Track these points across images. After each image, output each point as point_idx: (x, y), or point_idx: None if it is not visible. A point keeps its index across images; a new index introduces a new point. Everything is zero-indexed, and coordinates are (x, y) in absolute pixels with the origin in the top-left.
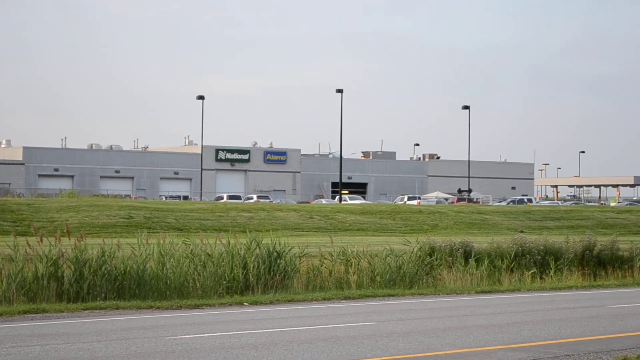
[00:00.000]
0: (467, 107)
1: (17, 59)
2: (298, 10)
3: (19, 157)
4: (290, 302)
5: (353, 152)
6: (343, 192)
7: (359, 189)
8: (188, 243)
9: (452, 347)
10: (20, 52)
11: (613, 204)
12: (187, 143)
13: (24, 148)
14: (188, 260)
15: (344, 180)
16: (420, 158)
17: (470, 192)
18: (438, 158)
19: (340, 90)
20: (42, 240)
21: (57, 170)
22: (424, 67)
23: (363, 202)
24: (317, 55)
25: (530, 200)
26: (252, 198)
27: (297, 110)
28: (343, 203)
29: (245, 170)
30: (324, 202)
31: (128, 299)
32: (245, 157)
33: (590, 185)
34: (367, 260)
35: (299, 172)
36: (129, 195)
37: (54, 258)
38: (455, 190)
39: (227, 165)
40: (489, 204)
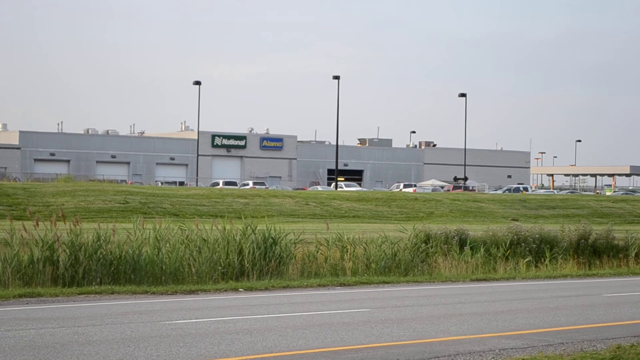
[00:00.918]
0: (463, 94)
1: (14, 43)
2: None
3: (15, 141)
4: (286, 288)
5: (349, 139)
6: (339, 179)
7: (355, 176)
8: (184, 228)
9: (446, 334)
10: (18, 36)
11: (609, 193)
12: (183, 129)
13: (20, 132)
14: (184, 246)
15: (340, 167)
16: (417, 145)
17: (466, 180)
18: (434, 146)
19: (337, 77)
20: (37, 225)
21: (53, 155)
22: (421, 54)
23: (359, 189)
24: (314, 42)
25: (526, 189)
26: (248, 184)
27: (293, 97)
28: (339, 190)
29: (242, 157)
30: (320, 189)
31: (123, 284)
32: (242, 143)
33: (586, 175)
34: (362, 247)
35: (295, 158)
36: (125, 181)
37: (50, 242)
38: (451, 178)
39: (223, 152)
40: (485, 192)
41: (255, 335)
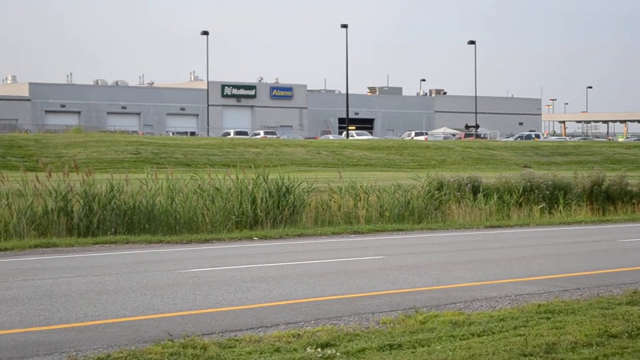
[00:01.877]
0: (472, 42)
1: None
2: None
3: (25, 93)
4: (300, 236)
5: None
6: (350, 127)
7: (366, 125)
8: (196, 178)
9: (462, 280)
10: None
11: (621, 140)
12: (192, 79)
13: (30, 84)
14: (197, 195)
15: (351, 116)
16: (427, 94)
17: (478, 127)
18: (445, 94)
19: (345, 26)
20: (50, 176)
21: (63, 107)
22: (431, 2)
23: (370, 137)
24: None
25: (538, 136)
26: (259, 134)
27: (302, 46)
28: (350, 139)
29: (252, 106)
30: (331, 137)
31: (138, 234)
32: (252, 92)
33: (598, 121)
34: (375, 195)
35: (306, 107)
36: (136, 131)
37: (63, 193)
38: (463, 126)
39: (233, 101)
40: (497, 140)
41: (271, 283)
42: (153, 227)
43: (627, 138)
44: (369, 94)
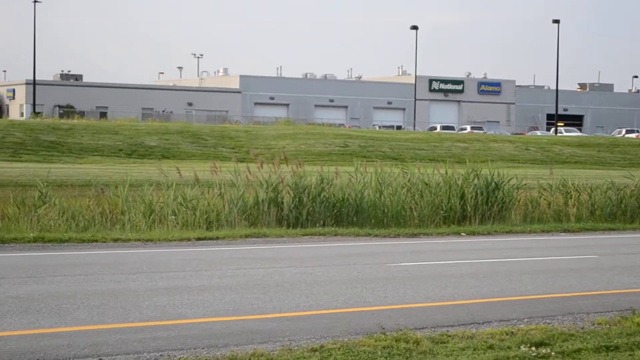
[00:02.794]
0: None
1: None
2: None
3: (236, 85)
4: (508, 233)
5: (568, 84)
6: (558, 124)
7: (575, 122)
8: (406, 171)
9: None
10: None
11: None
12: (400, 73)
13: (241, 77)
14: (405, 189)
15: (560, 112)
16: (639, 90)
17: None
18: None
19: (557, 21)
20: (262, 167)
21: (272, 99)
22: None
23: (579, 134)
24: None
25: None
26: (465, 129)
27: (511, 42)
28: (558, 135)
29: (459, 101)
30: (539, 134)
31: (346, 226)
32: (459, 87)
33: None
34: (586, 193)
35: (513, 103)
36: (343, 124)
37: (274, 184)
38: None
39: (440, 96)
40: None
41: (482, 279)
42: (361, 220)
43: None
44: (579, 90)
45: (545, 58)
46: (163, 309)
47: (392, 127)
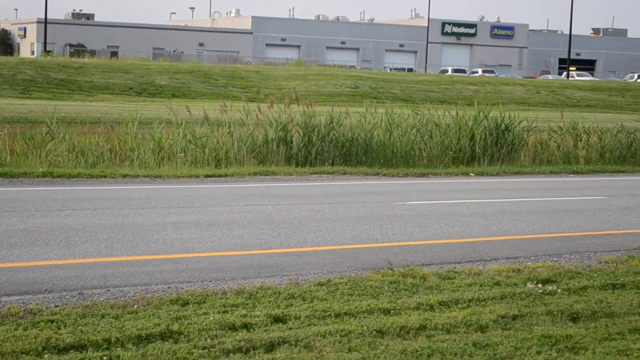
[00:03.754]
0: None
1: None
2: None
3: (248, 26)
4: (517, 174)
5: (582, 28)
6: (570, 68)
7: (587, 66)
8: (417, 112)
9: None
10: None
11: None
12: (413, 16)
13: (253, 17)
14: (415, 130)
15: (572, 57)
16: None
17: None
18: None
19: None
20: (272, 106)
21: (284, 40)
22: None
23: (591, 78)
24: None
25: None
26: (477, 72)
27: None
28: (570, 79)
29: (471, 45)
30: (550, 77)
31: (355, 166)
32: (472, 31)
33: None
34: (596, 136)
35: (526, 47)
36: (354, 66)
37: (284, 123)
38: None
39: (452, 39)
40: None
41: (490, 219)
42: (370, 159)
43: None
44: (592, 35)
45: (560, 2)
46: (171, 243)
47: (403, 69)
